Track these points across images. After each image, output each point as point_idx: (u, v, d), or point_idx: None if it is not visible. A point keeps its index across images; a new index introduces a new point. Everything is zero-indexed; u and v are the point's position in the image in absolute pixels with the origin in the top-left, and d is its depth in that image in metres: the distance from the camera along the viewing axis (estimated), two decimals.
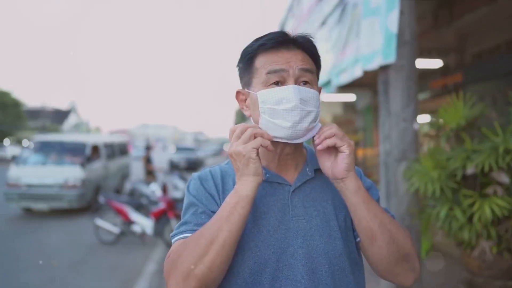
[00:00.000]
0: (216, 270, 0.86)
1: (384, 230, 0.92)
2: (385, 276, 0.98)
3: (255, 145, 0.89)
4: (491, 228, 2.68)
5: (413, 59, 3.18)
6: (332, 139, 0.92)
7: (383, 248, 0.92)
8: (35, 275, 4.98)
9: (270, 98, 0.94)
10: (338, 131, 0.93)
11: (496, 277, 2.89)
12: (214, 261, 0.85)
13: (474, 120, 2.98)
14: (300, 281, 0.94)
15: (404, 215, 3.19)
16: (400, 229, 0.96)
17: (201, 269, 0.84)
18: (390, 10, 3.10)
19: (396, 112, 3.18)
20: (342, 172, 0.93)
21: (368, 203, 0.93)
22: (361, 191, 0.93)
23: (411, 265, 0.95)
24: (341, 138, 0.92)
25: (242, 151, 0.89)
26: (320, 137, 0.94)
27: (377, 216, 0.92)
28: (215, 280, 0.87)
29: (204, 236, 0.87)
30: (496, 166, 2.58)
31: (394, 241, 0.92)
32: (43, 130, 31.81)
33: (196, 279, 0.84)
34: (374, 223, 0.92)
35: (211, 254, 0.85)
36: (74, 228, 7.64)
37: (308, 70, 0.98)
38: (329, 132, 0.93)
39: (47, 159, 9.35)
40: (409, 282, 0.96)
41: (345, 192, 0.94)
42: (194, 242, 0.88)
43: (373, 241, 0.92)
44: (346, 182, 0.93)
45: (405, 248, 0.94)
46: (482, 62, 5.26)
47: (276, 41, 0.97)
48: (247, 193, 0.89)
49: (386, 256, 0.92)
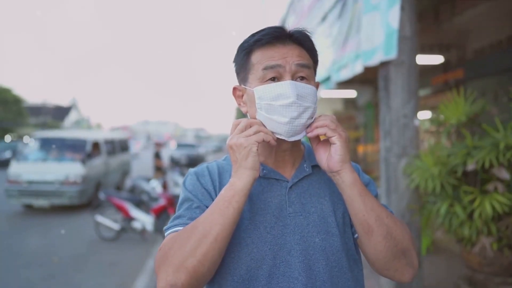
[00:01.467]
0: (208, 264, 0.84)
1: (381, 224, 0.91)
2: (383, 272, 0.96)
3: (257, 139, 0.89)
4: (491, 224, 2.68)
5: (414, 55, 3.16)
6: (323, 128, 0.92)
7: (380, 243, 0.91)
8: (36, 271, 4.99)
9: (267, 94, 0.93)
10: (330, 123, 0.93)
11: (497, 274, 2.88)
12: (206, 255, 0.84)
13: (474, 116, 2.97)
14: (297, 278, 0.93)
15: (404, 211, 3.18)
16: (398, 224, 0.95)
17: (192, 262, 0.83)
18: (391, 6, 3.08)
19: (397, 108, 3.16)
20: (337, 164, 0.92)
21: (364, 196, 0.92)
22: (357, 184, 0.93)
23: (409, 260, 0.94)
24: (333, 129, 0.92)
25: (244, 143, 0.89)
26: (311, 126, 0.95)
27: (374, 209, 0.91)
28: (205, 274, 0.85)
29: (197, 229, 0.86)
30: (496, 162, 2.57)
31: (391, 235, 0.91)
32: (44, 127, 31.83)
33: (186, 271, 0.83)
34: (371, 217, 0.91)
35: (203, 247, 0.84)
36: (75, 225, 7.66)
37: (305, 66, 0.97)
38: (321, 123, 0.93)
39: (47, 156, 9.36)
40: (407, 278, 0.95)
41: (341, 185, 0.94)
42: (187, 235, 0.87)
43: (370, 235, 0.91)
44: (342, 175, 0.93)
45: (403, 243, 0.92)
46: (484, 58, 5.23)
47: (272, 36, 0.96)
48: (243, 187, 0.88)
49: (383, 251, 0.91)
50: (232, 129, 0.93)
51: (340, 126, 0.94)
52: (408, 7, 3.11)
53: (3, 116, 32.03)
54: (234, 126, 0.93)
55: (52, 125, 36.41)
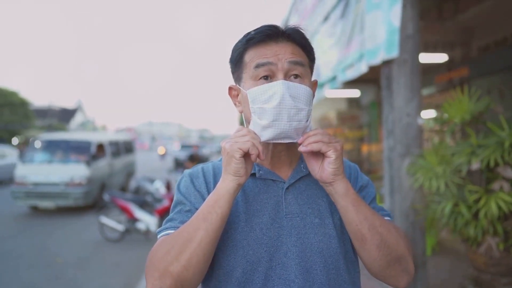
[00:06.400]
0: (192, 269, 0.83)
1: (374, 233, 0.89)
2: (379, 277, 0.96)
3: (242, 146, 0.86)
4: (497, 224, 2.64)
5: (416, 54, 3.13)
6: (318, 144, 0.89)
7: (374, 251, 0.89)
8: (41, 272, 5.02)
9: (259, 96, 0.91)
10: (323, 137, 0.89)
11: (503, 274, 2.84)
12: (190, 260, 0.83)
13: (479, 114, 2.93)
14: (294, 281, 0.91)
15: (408, 211, 3.15)
16: (393, 231, 0.93)
17: (176, 267, 0.83)
18: (392, 4, 3.05)
19: (400, 107, 3.13)
20: (330, 176, 0.90)
21: (357, 206, 0.90)
22: (350, 194, 0.90)
23: (404, 267, 0.93)
24: (327, 144, 0.89)
25: (227, 148, 0.87)
26: (304, 142, 0.90)
27: (367, 219, 0.89)
28: (191, 279, 0.84)
29: (181, 234, 0.86)
30: (502, 161, 2.53)
31: (385, 244, 0.89)
32: (50, 129, 32.06)
33: (171, 277, 0.82)
34: (364, 226, 0.89)
35: (187, 252, 0.83)
36: (80, 226, 7.70)
37: (298, 63, 0.94)
38: (314, 139, 0.89)
39: (53, 158, 9.43)
40: (402, 284, 0.94)
41: (334, 195, 0.92)
42: (172, 240, 0.87)
43: (363, 244, 0.90)
44: (334, 186, 0.90)
45: (397, 251, 0.91)
46: (489, 55, 5.18)
47: (264, 34, 0.94)
48: (225, 192, 0.87)
49: (377, 259, 0.90)
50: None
51: (333, 137, 0.91)
52: (410, 5, 3.08)
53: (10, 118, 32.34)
54: (235, 131, 0.92)
55: (58, 127, 36.65)
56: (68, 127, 42.49)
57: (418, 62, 3.14)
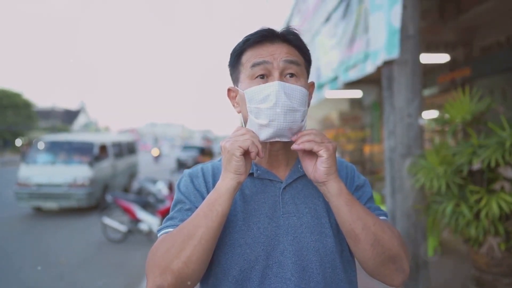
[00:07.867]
0: (193, 266, 0.85)
1: (368, 233, 0.90)
2: (374, 275, 0.97)
3: (242, 144, 0.88)
4: (498, 224, 2.63)
5: (417, 54, 3.13)
6: (310, 143, 0.90)
7: (368, 250, 0.91)
8: (44, 273, 5.05)
9: (255, 96, 0.93)
10: (315, 137, 0.91)
11: (505, 274, 2.83)
12: (191, 257, 0.84)
13: (480, 114, 2.92)
14: (290, 279, 0.93)
15: (409, 211, 3.15)
16: (387, 230, 0.94)
17: (177, 264, 0.84)
18: (392, 5, 3.05)
19: (401, 107, 3.13)
20: (322, 176, 0.91)
21: (350, 206, 0.91)
22: (343, 194, 0.92)
23: (399, 266, 0.94)
24: (319, 144, 0.90)
25: (228, 147, 0.89)
26: (297, 140, 0.92)
27: (360, 218, 0.91)
28: (191, 276, 0.86)
29: (182, 232, 0.87)
30: (503, 161, 2.53)
31: (378, 243, 0.90)
32: (54, 130, 32.25)
33: (172, 274, 0.84)
34: (357, 226, 0.90)
35: (188, 250, 0.85)
36: (83, 227, 7.73)
37: (294, 62, 0.96)
38: (307, 138, 0.91)
39: (56, 159, 9.47)
40: (397, 283, 0.95)
41: (327, 195, 0.93)
42: (173, 237, 0.88)
43: (357, 243, 0.91)
44: (328, 186, 0.92)
45: (392, 250, 0.92)
46: (491, 55, 5.16)
47: (260, 35, 0.97)
48: (225, 190, 0.89)
49: (371, 258, 0.91)
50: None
51: (327, 137, 0.93)
52: (411, 6, 3.08)
53: (14, 120, 32.56)
54: (234, 131, 0.93)
55: (61, 128, 36.83)
56: (71, 128, 42.70)
57: (419, 63, 3.14)
